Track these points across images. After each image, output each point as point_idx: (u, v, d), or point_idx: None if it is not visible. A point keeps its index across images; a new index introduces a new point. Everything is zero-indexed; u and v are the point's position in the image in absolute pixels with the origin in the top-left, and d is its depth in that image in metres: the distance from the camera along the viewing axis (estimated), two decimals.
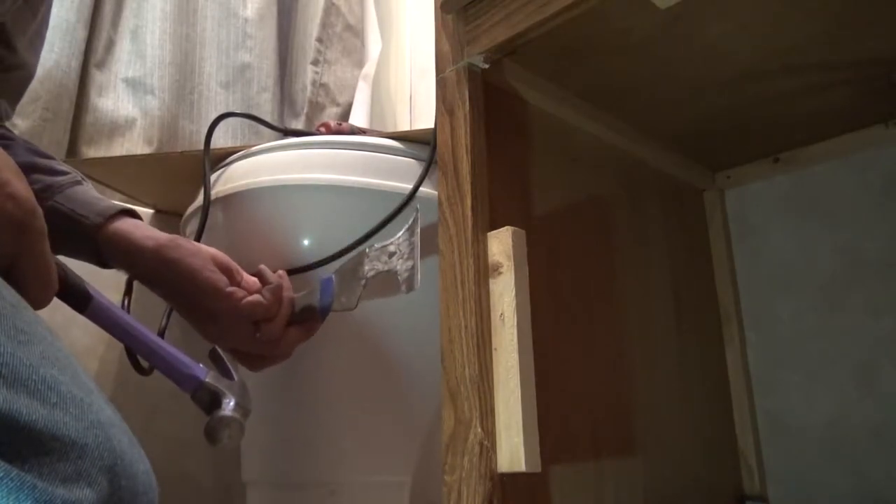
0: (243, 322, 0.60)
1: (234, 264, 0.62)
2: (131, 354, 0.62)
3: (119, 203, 0.62)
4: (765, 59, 0.60)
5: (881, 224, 0.72)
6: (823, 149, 0.77)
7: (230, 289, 0.59)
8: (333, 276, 0.63)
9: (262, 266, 0.65)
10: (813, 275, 0.76)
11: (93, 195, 0.62)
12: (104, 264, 0.62)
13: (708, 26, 0.55)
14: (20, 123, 0.97)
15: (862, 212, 0.73)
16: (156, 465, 0.42)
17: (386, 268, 0.59)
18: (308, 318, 0.63)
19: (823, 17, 0.54)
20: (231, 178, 0.77)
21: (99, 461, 0.34)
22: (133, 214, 0.62)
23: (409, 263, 0.57)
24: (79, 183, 0.62)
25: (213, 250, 0.62)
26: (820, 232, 0.76)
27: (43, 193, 0.59)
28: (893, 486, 0.67)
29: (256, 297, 0.60)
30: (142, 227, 0.61)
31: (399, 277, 0.57)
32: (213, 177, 0.79)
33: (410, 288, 0.56)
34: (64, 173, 0.62)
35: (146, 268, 0.60)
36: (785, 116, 0.71)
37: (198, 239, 0.74)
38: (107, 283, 0.60)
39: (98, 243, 0.59)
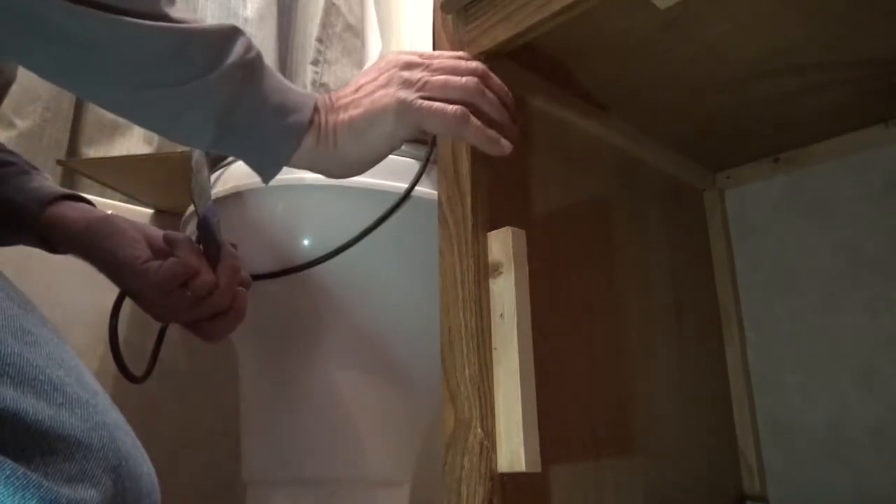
0: (172, 290, 0.57)
1: (176, 238, 0.60)
2: (120, 363, 0.62)
3: (63, 189, 0.62)
4: (765, 59, 0.60)
5: (881, 224, 0.72)
6: (823, 149, 0.77)
7: (146, 263, 0.56)
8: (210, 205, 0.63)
9: (166, 231, 0.62)
10: (813, 275, 0.76)
11: (37, 184, 0.61)
12: (53, 250, 0.61)
13: (708, 26, 0.55)
14: (20, 123, 0.98)
15: (862, 212, 0.73)
16: (156, 466, 0.42)
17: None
18: (215, 251, 0.60)
19: (823, 17, 0.54)
20: (231, 178, 0.77)
21: (104, 462, 0.35)
22: (78, 199, 0.62)
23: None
24: (26, 173, 0.62)
25: (151, 229, 0.61)
26: (820, 232, 0.76)
27: None
28: (893, 486, 0.67)
29: (170, 259, 0.57)
30: (80, 209, 0.60)
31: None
32: (213, 177, 0.79)
33: None
34: (10, 164, 0.62)
35: (81, 249, 0.59)
36: (785, 116, 0.71)
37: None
38: (107, 283, 0.60)
39: (40, 230, 0.59)
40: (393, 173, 0.74)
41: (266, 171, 0.50)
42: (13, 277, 0.46)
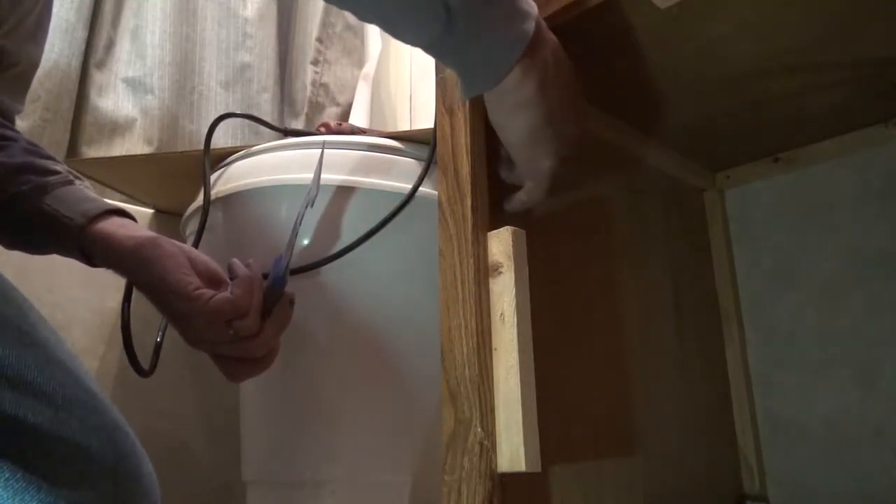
0: (216, 323, 0.57)
1: (217, 270, 0.60)
2: (132, 355, 0.62)
3: (110, 203, 0.62)
4: (765, 59, 0.60)
5: (881, 224, 0.72)
6: (823, 149, 0.77)
7: (198, 291, 0.57)
8: (283, 253, 0.63)
9: (234, 260, 0.63)
10: (813, 275, 0.76)
11: (81, 195, 0.61)
12: (92, 263, 0.61)
13: (708, 26, 0.55)
14: (20, 124, 0.97)
15: (862, 212, 0.73)
16: (156, 465, 0.42)
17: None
18: (273, 302, 0.61)
19: (823, 17, 0.54)
20: (231, 178, 0.77)
21: (103, 463, 0.35)
22: (123, 214, 0.62)
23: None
24: (70, 182, 0.61)
25: (195, 254, 0.60)
26: (820, 232, 0.76)
27: (32, 194, 0.59)
28: (893, 486, 0.67)
29: (224, 295, 0.57)
30: (127, 226, 0.60)
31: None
32: (213, 177, 0.79)
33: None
34: (55, 173, 0.61)
35: (125, 267, 0.59)
36: (785, 116, 0.71)
37: (198, 239, 0.74)
38: (107, 283, 0.60)
39: (82, 243, 0.59)
40: (393, 173, 0.74)
41: (477, 82, 0.46)
42: (13, 278, 0.46)
